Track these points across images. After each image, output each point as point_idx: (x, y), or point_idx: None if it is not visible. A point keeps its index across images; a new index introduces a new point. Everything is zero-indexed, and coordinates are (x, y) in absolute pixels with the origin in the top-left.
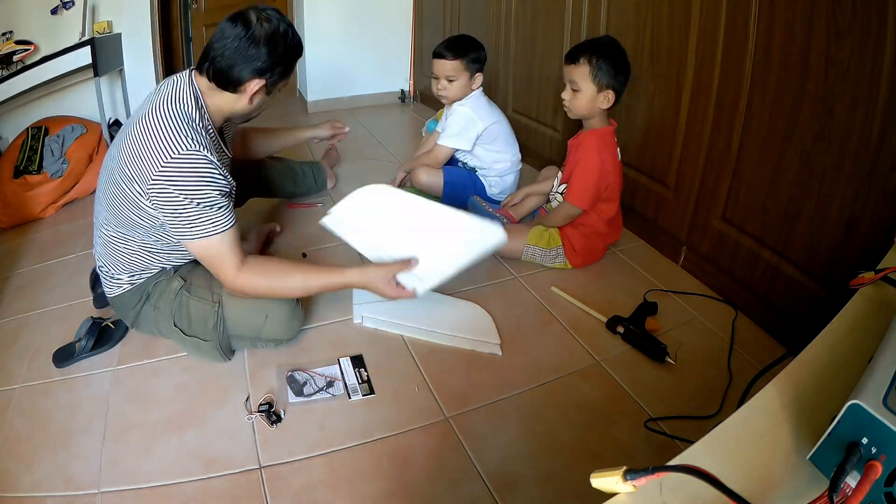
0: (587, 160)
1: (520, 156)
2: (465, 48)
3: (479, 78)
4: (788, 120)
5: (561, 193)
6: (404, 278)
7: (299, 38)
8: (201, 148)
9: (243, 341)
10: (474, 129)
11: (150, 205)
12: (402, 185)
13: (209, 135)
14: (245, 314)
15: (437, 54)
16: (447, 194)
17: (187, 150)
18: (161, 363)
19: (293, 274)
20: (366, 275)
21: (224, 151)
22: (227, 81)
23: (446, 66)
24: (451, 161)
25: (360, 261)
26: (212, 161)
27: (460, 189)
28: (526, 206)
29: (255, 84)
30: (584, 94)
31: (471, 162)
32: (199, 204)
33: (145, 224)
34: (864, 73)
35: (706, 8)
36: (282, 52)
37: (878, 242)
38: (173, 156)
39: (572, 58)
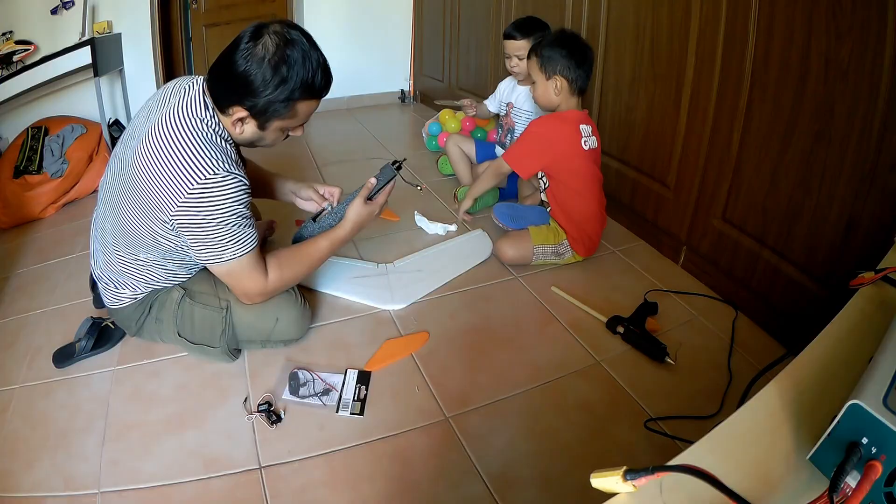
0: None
1: None
2: (531, 29)
3: None
4: (788, 120)
5: None
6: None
7: (318, 73)
8: (228, 164)
9: (253, 344)
10: None
11: (174, 233)
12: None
13: (228, 143)
14: (254, 320)
15: (507, 35)
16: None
17: (215, 172)
18: (161, 363)
19: (306, 252)
20: (350, 218)
21: (241, 161)
22: (215, 98)
23: (516, 45)
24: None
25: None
26: (237, 176)
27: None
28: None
29: (238, 112)
30: (538, 84)
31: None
32: (227, 225)
33: (163, 247)
34: (864, 73)
35: (706, 8)
36: (275, 84)
37: (878, 242)
38: (200, 181)
39: (529, 55)
